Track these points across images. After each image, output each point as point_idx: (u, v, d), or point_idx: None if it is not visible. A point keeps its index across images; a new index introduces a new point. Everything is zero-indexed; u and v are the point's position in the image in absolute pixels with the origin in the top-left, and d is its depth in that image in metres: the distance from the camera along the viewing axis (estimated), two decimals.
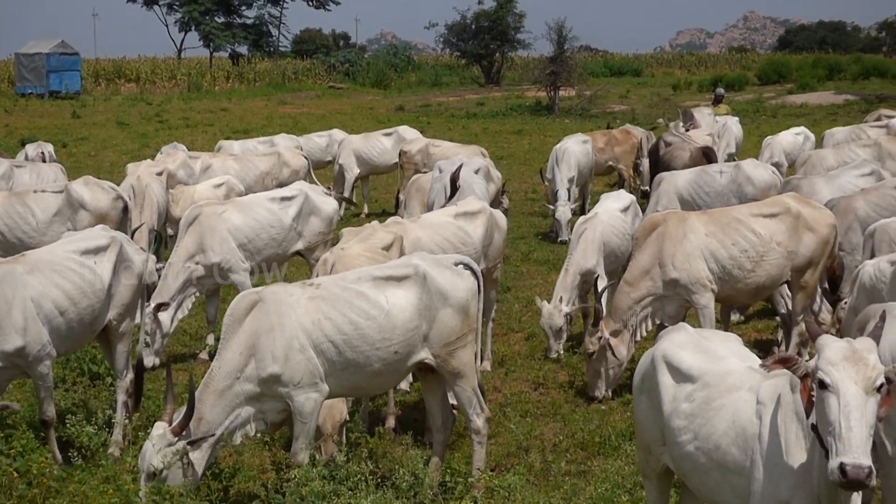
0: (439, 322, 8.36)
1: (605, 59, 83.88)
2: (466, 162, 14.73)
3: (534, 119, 45.01)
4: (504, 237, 12.30)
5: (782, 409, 5.53)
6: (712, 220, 11.67)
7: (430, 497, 8.27)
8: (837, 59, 69.02)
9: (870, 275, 10.36)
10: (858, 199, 13.28)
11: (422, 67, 74.95)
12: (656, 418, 6.41)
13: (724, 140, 23.43)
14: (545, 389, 11.89)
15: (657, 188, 15.95)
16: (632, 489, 8.44)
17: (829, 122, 37.04)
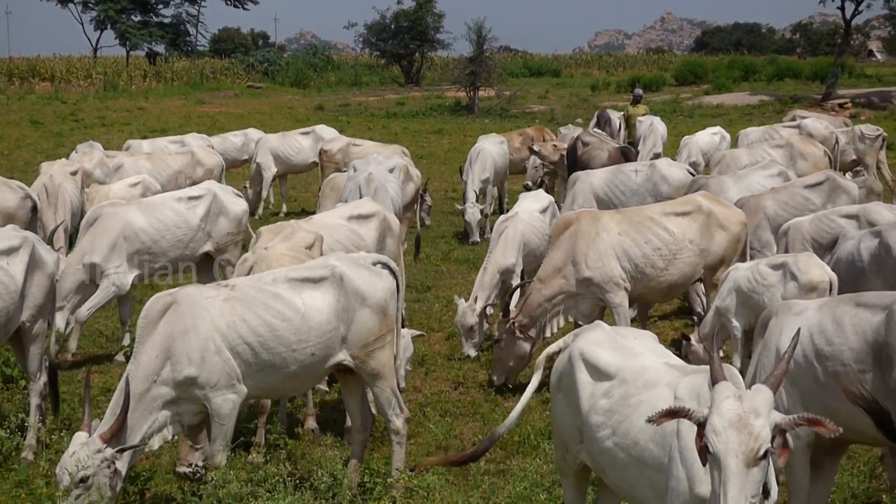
0: (357, 323, 8.31)
1: (525, 60, 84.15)
2: (381, 161, 14.69)
3: (453, 119, 45.05)
4: (398, 241, 12.17)
5: (700, 405, 5.55)
6: (625, 218, 11.80)
7: (349, 498, 8.23)
8: (752, 60, 69.92)
9: (747, 278, 10.62)
10: (768, 198, 13.62)
11: (341, 67, 74.62)
12: (574, 416, 6.41)
13: (651, 139, 23.63)
14: (465, 389, 11.90)
15: (573, 187, 16.05)
16: (550, 487, 8.46)
17: (745, 122, 37.51)
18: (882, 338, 6.55)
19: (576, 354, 6.48)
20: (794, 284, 10.30)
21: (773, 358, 7.14)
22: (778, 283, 10.50)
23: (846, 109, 42.92)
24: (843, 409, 6.72)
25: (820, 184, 13.84)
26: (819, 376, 6.82)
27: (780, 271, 10.54)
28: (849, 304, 6.94)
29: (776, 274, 10.55)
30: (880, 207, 12.44)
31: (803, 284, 10.25)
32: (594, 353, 6.38)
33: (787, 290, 10.33)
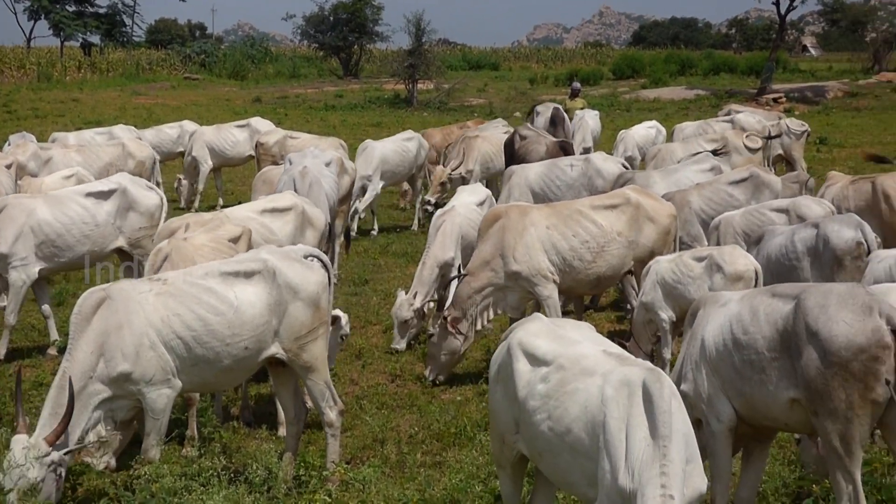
0: (290, 316, 8.29)
1: (464, 53, 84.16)
2: (317, 154, 14.63)
3: (392, 112, 45.01)
4: (319, 234, 12.08)
5: (630, 398, 5.61)
6: (554, 212, 11.90)
7: (284, 491, 8.21)
8: (689, 55, 70.42)
9: (671, 270, 10.76)
10: (693, 193, 13.85)
11: (279, 59, 74.22)
12: (511, 407, 6.46)
13: (581, 134, 23.73)
14: (402, 381, 11.90)
15: (509, 181, 16.11)
16: (486, 479, 8.48)
17: (681, 116, 37.82)
18: (790, 326, 6.71)
19: (514, 345, 6.53)
20: (720, 276, 10.44)
21: (698, 348, 7.30)
22: (703, 274, 10.62)
23: (780, 104, 43.44)
24: (758, 395, 6.91)
25: (744, 180, 14.02)
26: (737, 364, 6.98)
27: (704, 263, 10.66)
28: (765, 294, 7.11)
29: (701, 266, 10.67)
30: (809, 202, 12.63)
31: (730, 275, 10.40)
32: (532, 342, 6.44)
33: (714, 281, 10.47)
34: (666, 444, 5.33)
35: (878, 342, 6.42)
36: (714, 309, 7.33)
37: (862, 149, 14.23)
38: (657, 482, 5.24)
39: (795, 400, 6.71)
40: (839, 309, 6.55)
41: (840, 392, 6.43)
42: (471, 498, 7.91)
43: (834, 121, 38.86)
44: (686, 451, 5.44)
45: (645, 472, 5.31)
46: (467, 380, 11.81)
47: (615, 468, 5.46)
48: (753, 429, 7.23)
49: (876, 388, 6.41)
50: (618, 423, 5.56)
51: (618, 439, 5.52)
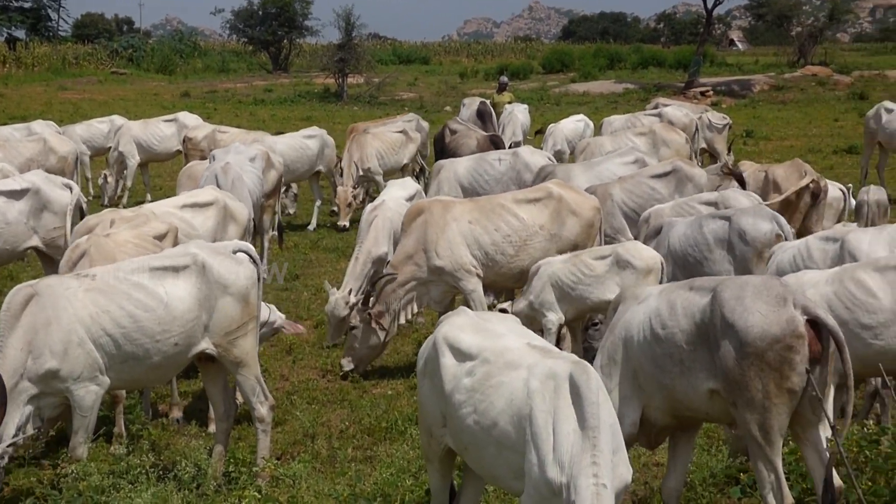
0: (219, 311, 8.26)
1: (394, 47, 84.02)
2: (242, 149, 14.56)
3: (322, 106, 44.89)
4: (242, 229, 11.98)
5: (556, 391, 5.64)
6: (476, 207, 11.99)
7: (214, 488, 8.17)
8: (618, 49, 70.85)
9: (569, 271, 10.89)
10: (615, 186, 14.03)
11: (208, 53, 73.59)
12: (438, 401, 6.48)
13: (510, 128, 23.82)
14: (333, 377, 11.88)
15: (437, 175, 16.14)
16: (417, 473, 8.49)
17: (610, 109, 38.12)
18: (708, 318, 6.79)
19: (440, 339, 6.53)
20: (630, 272, 10.57)
21: (618, 343, 7.36)
22: (608, 272, 10.71)
23: (707, 97, 43.89)
24: (678, 387, 6.99)
25: (667, 174, 14.18)
26: (657, 358, 7.04)
27: (609, 261, 10.75)
28: (683, 288, 7.18)
29: (604, 264, 10.75)
30: (738, 194, 12.81)
31: (641, 270, 10.57)
32: (458, 337, 6.44)
33: (624, 277, 10.58)
34: (595, 436, 5.36)
35: (792, 332, 6.53)
36: (633, 305, 7.39)
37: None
38: (589, 472, 5.27)
39: (715, 391, 6.80)
40: (754, 300, 6.65)
41: (757, 382, 6.53)
42: (401, 492, 7.91)
43: (760, 114, 39.37)
44: (613, 442, 5.48)
45: (576, 463, 5.34)
46: (398, 374, 11.83)
47: (543, 461, 5.49)
48: (676, 420, 7.32)
49: (792, 377, 6.52)
50: (544, 415, 5.59)
51: (545, 432, 5.55)
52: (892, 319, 7.96)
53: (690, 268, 11.20)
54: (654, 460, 8.96)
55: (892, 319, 7.96)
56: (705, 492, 8.09)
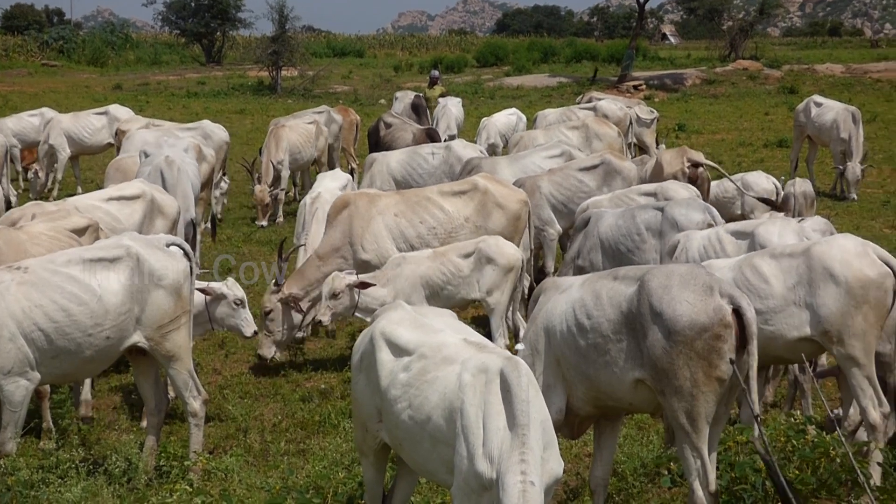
0: (152, 304, 8.22)
1: (328, 40, 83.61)
2: (174, 143, 14.45)
3: (256, 98, 44.63)
4: (170, 223, 11.83)
5: (487, 386, 5.66)
6: (402, 199, 12.06)
7: (145, 482, 8.14)
8: (552, 42, 71.14)
9: (440, 271, 11.02)
10: (543, 179, 14.17)
11: (140, 45, 72.79)
12: (373, 396, 6.45)
13: (444, 121, 23.83)
14: (266, 370, 11.85)
15: (370, 168, 16.14)
16: (349, 465, 8.51)
17: (544, 103, 38.22)
18: (635, 307, 6.85)
19: (377, 334, 6.51)
20: (492, 268, 10.70)
21: (540, 333, 7.41)
22: (473, 271, 10.80)
23: (640, 91, 44.21)
24: (603, 377, 7.06)
25: (595, 167, 14.32)
26: (581, 348, 7.10)
27: (472, 259, 10.83)
28: (607, 278, 7.24)
29: (469, 262, 10.83)
30: (677, 186, 12.99)
31: (502, 266, 10.73)
32: (395, 332, 6.42)
33: (485, 274, 10.74)
34: (525, 433, 5.36)
35: (720, 321, 6.61)
36: (555, 295, 7.44)
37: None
38: (517, 469, 5.27)
39: (640, 380, 6.87)
40: (681, 289, 6.72)
41: (685, 370, 6.61)
42: (333, 484, 7.91)
43: (692, 108, 39.73)
44: (544, 438, 5.49)
45: (504, 460, 5.34)
46: (331, 367, 11.82)
47: (472, 454, 5.50)
48: (599, 410, 7.38)
49: (720, 365, 6.61)
50: (475, 409, 5.60)
51: (475, 426, 5.55)
52: (782, 306, 8.12)
53: (621, 257, 11.36)
54: (585, 451, 9.05)
55: (781, 306, 8.12)
56: (636, 482, 8.19)
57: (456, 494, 5.69)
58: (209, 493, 7.57)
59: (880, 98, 41.11)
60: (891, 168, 24.63)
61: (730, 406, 6.98)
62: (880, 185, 22.66)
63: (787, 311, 8.07)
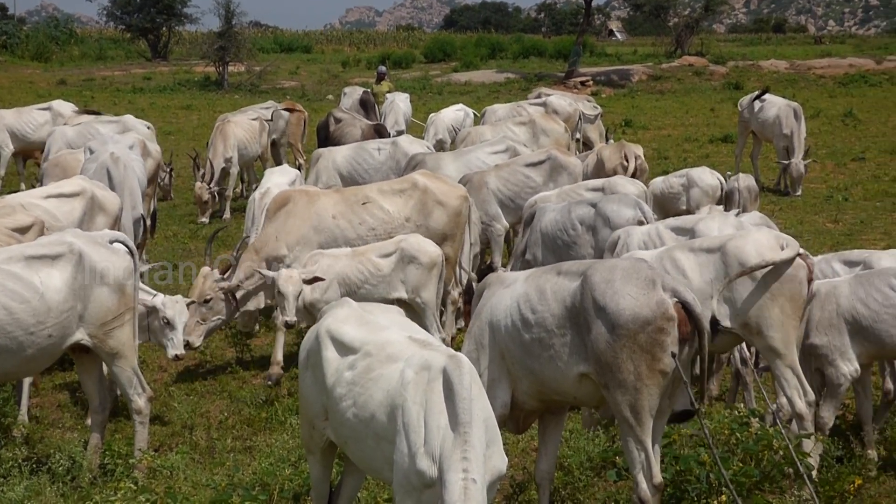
0: (95, 302, 8.15)
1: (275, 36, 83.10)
2: (119, 139, 14.32)
3: (203, 94, 44.39)
4: (112, 219, 11.59)
5: (430, 383, 5.66)
6: (342, 199, 11.92)
7: (89, 480, 8.08)
8: (499, 38, 71.15)
9: (358, 270, 11.00)
10: (490, 175, 14.26)
11: (85, 41, 72.03)
12: (320, 394, 6.44)
13: (392, 117, 23.82)
14: (213, 367, 11.80)
15: (316, 163, 16.09)
16: (296, 462, 8.49)
17: (492, 99, 38.32)
18: (578, 302, 6.89)
19: (322, 332, 6.50)
20: (415, 266, 10.74)
21: (484, 327, 7.44)
22: (394, 270, 10.82)
23: (588, 87, 44.38)
24: (547, 372, 7.09)
25: (541, 162, 14.42)
26: (525, 343, 7.14)
27: (394, 258, 10.85)
28: (551, 273, 7.28)
29: (390, 261, 10.84)
30: (624, 181, 13.14)
31: (425, 264, 10.80)
32: (340, 330, 6.41)
33: (409, 273, 10.79)
34: (467, 431, 5.35)
35: (662, 314, 6.67)
36: (499, 290, 7.46)
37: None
38: (459, 467, 5.26)
39: (585, 374, 6.91)
40: (624, 283, 6.77)
41: (629, 364, 6.65)
42: (280, 481, 7.90)
43: (639, 103, 39.98)
44: (487, 435, 5.50)
45: (446, 458, 5.33)
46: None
47: (414, 452, 5.50)
48: (544, 404, 7.42)
49: (663, 358, 6.66)
50: (417, 407, 5.59)
51: (417, 423, 5.55)
52: (701, 299, 8.22)
53: (559, 251, 11.56)
54: (532, 446, 9.08)
55: (700, 299, 8.23)
56: (582, 475, 8.23)
57: (397, 491, 5.69)
58: (154, 492, 7.51)
59: (824, 94, 41.57)
60: (833, 163, 24.91)
61: (674, 399, 7.04)
62: (823, 181, 22.91)
63: (706, 304, 8.15)
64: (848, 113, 32.98)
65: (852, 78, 46.09)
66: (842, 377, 8.53)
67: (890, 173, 23.20)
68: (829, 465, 8.33)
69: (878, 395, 9.85)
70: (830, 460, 8.39)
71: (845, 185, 22.27)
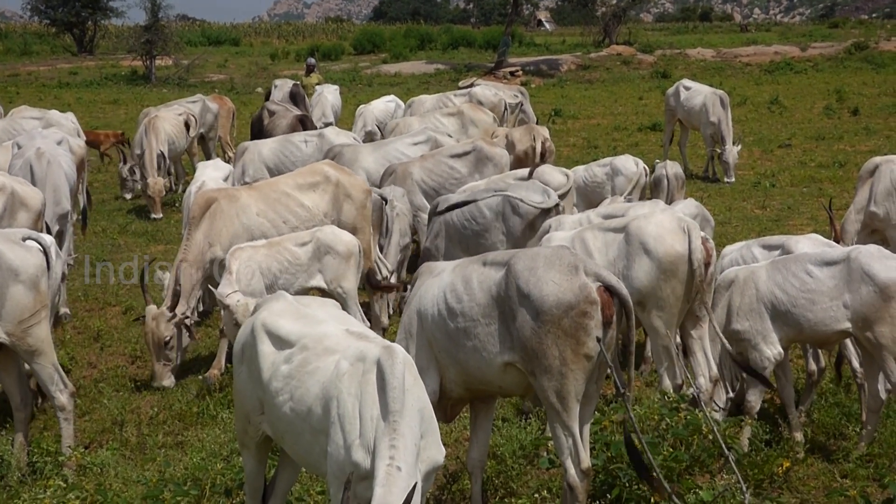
0: (11, 300, 8.09)
1: (203, 29, 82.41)
2: (46, 134, 14.15)
3: (130, 88, 43.98)
4: (34, 215, 11.31)
5: (364, 375, 5.66)
6: (262, 196, 11.75)
7: (18, 478, 8.01)
8: (429, 29, 71.13)
9: (275, 260, 11.00)
10: (415, 166, 14.33)
11: (9, 36, 70.99)
12: (255, 388, 6.40)
13: (319, 109, 23.74)
14: (143, 363, 11.71)
15: (241, 157, 16.00)
16: (228, 457, 8.46)
17: (422, 90, 38.33)
18: (503, 291, 6.95)
19: (258, 326, 6.46)
20: (332, 256, 10.83)
21: (413, 316, 7.48)
22: (311, 259, 10.85)
23: (517, 77, 44.55)
24: (472, 362, 7.15)
25: (466, 153, 14.48)
26: (451, 332, 7.18)
27: (310, 247, 10.87)
28: (477, 263, 7.33)
29: (306, 250, 10.86)
30: (552, 169, 13.21)
31: (342, 254, 10.86)
32: (276, 323, 6.38)
33: (326, 263, 10.86)
34: (396, 420, 5.38)
35: (585, 298, 6.72)
36: (428, 279, 7.51)
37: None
38: (385, 455, 5.28)
39: (510, 364, 6.97)
40: (547, 270, 6.83)
41: (553, 349, 6.71)
42: (211, 476, 7.86)
43: (568, 93, 40.18)
44: (422, 426, 5.52)
45: (377, 448, 5.37)
46: (210, 358, 11.68)
47: (349, 443, 5.51)
48: (470, 393, 7.46)
49: (587, 342, 6.71)
50: (352, 398, 5.59)
51: (352, 415, 5.56)
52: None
53: (467, 241, 11.70)
54: (464, 436, 9.11)
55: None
56: (515, 464, 8.30)
57: (331, 482, 5.69)
58: (84, 489, 7.46)
59: (750, 81, 42.06)
60: (760, 150, 25.22)
61: (601, 384, 7.11)
62: (751, 167, 23.17)
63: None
64: (774, 100, 33.38)
65: (778, 65, 46.70)
66: (766, 360, 8.68)
67: (816, 159, 23.52)
68: (757, 448, 8.47)
69: (803, 378, 10.03)
70: (758, 444, 8.53)
71: (772, 171, 22.55)
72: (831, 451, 8.84)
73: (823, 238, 9.94)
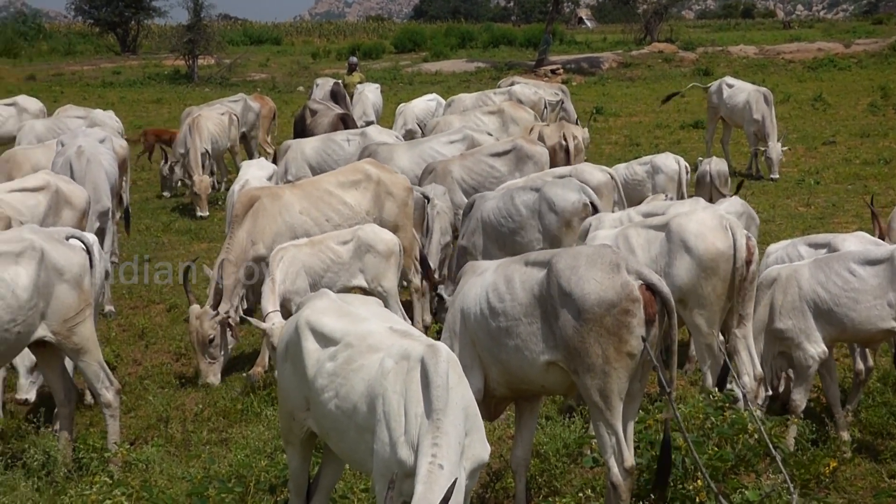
0: (57, 298, 8.14)
1: (245, 28, 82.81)
2: (89, 132, 14.24)
3: (173, 88, 44.19)
4: (78, 213, 11.44)
5: (409, 373, 5.67)
6: (305, 194, 11.79)
7: (64, 474, 8.06)
8: (469, 28, 71.14)
9: (318, 259, 11.05)
10: (455, 164, 14.29)
11: (54, 36, 71.64)
12: (300, 385, 6.42)
13: (360, 108, 23.77)
14: (187, 360, 11.79)
15: (285, 155, 16.04)
16: (272, 454, 8.48)
17: (462, 88, 38.31)
18: (545, 290, 6.95)
19: (302, 324, 6.48)
20: (372, 255, 10.90)
21: (457, 315, 7.51)
22: (352, 258, 10.88)
23: (558, 75, 44.43)
24: (514, 361, 7.15)
25: (506, 152, 14.44)
26: (493, 332, 7.19)
27: (350, 245, 10.90)
28: (519, 263, 7.33)
29: (348, 249, 10.89)
30: (591, 167, 13.16)
31: (382, 253, 10.92)
32: (320, 321, 6.40)
33: (366, 262, 10.91)
34: (439, 418, 5.38)
35: (627, 296, 6.71)
36: (472, 279, 7.53)
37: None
38: (428, 453, 5.28)
39: (552, 363, 6.96)
40: (588, 269, 6.82)
41: (596, 348, 6.70)
42: (256, 473, 7.89)
43: (609, 91, 40.02)
44: (466, 423, 5.53)
45: (420, 446, 5.37)
46: (254, 356, 11.72)
47: (394, 441, 5.52)
48: (513, 392, 7.47)
49: (630, 340, 6.70)
50: (397, 396, 5.60)
51: (397, 412, 5.57)
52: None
53: (503, 238, 11.70)
54: (508, 434, 9.10)
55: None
56: (558, 462, 8.27)
57: (377, 480, 5.70)
58: (129, 485, 7.51)
59: (793, 78, 41.69)
60: (804, 147, 25.01)
61: (644, 383, 7.08)
62: (795, 164, 22.99)
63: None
64: (817, 97, 33.05)
65: (821, 62, 46.22)
66: (810, 359, 8.62)
67: (860, 156, 23.30)
68: (803, 447, 8.40)
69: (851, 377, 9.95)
70: (805, 443, 8.46)
71: (816, 168, 22.36)
72: (879, 450, 8.77)
73: (870, 236, 9.86)
